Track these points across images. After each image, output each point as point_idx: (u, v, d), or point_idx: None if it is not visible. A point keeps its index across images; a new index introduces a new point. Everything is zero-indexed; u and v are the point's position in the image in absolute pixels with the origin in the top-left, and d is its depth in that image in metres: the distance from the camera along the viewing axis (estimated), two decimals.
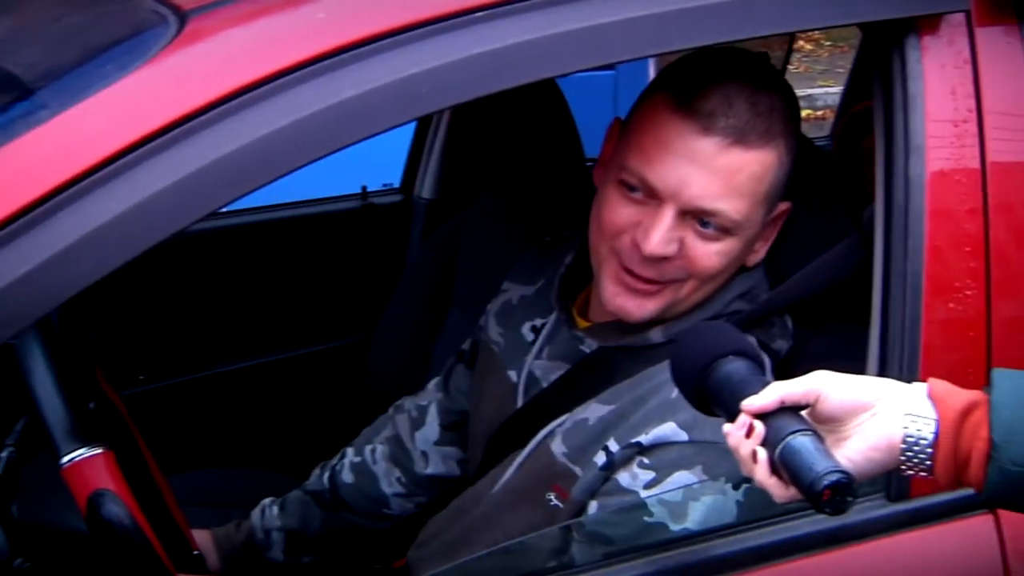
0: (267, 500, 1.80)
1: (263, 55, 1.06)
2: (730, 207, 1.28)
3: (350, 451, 1.81)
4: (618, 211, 1.33)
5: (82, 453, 1.20)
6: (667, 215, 1.28)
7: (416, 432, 1.76)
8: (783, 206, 1.38)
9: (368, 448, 1.79)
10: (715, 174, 1.27)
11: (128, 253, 0.99)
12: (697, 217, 1.29)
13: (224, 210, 2.43)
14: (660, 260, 1.30)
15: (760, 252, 1.39)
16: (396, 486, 1.76)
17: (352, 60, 1.05)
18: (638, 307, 1.34)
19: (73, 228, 0.98)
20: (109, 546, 1.19)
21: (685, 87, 1.30)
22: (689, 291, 1.35)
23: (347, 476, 1.78)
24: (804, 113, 6.93)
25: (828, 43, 8.38)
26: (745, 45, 1.36)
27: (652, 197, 1.29)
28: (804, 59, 8.15)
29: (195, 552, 1.47)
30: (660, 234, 1.28)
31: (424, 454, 1.75)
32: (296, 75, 1.04)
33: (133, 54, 1.09)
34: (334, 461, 1.81)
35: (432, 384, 1.80)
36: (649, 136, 1.30)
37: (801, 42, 8.10)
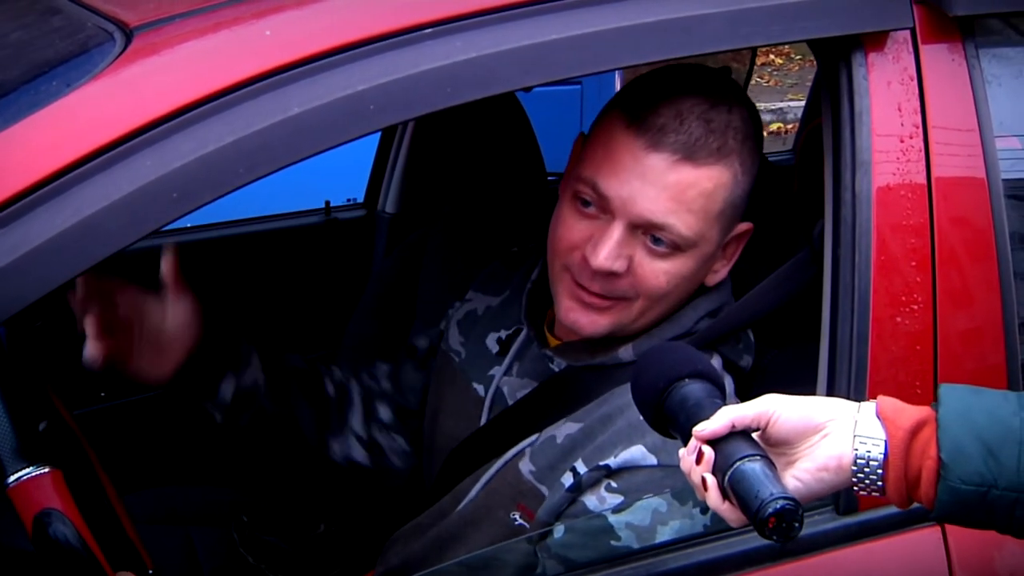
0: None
1: (210, 72, 1.06)
2: (679, 222, 1.28)
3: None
4: (571, 227, 1.33)
5: (28, 472, 1.18)
6: (617, 230, 1.29)
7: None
8: (743, 226, 1.37)
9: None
10: (664, 190, 1.27)
11: (71, 271, 0.99)
12: (647, 232, 1.29)
13: (186, 224, 2.43)
14: (609, 275, 1.30)
15: (721, 272, 1.39)
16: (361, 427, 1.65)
17: (299, 77, 1.05)
18: (590, 323, 1.35)
19: (15, 245, 0.97)
20: (56, 566, 1.17)
21: (639, 103, 1.31)
22: (639, 310, 1.34)
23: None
24: (774, 127, 6.99)
25: (798, 57, 8.44)
26: (709, 60, 1.36)
27: (604, 212, 1.30)
28: (775, 73, 8.21)
29: (150, 572, 1.46)
30: (608, 249, 1.28)
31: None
32: (243, 92, 1.04)
33: (79, 70, 1.08)
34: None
35: (383, 373, 1.69)
36: (602, 151, 1.31)
37: (772, 56, 8.16)
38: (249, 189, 1.06)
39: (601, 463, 1.30)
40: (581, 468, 1.31)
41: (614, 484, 1.29)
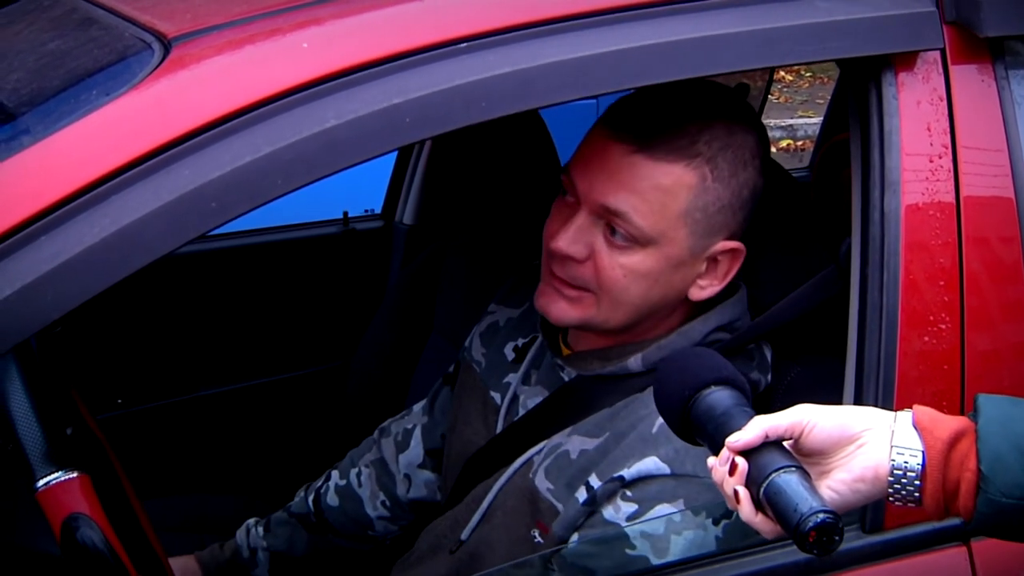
0: (251, 520, 1.81)
1: (247, 83, 1.06)
2: (632, 211, 1.29)
3: (335, 474, 1.82)
4: (552, 217, 1.38)
5: (57, 477, 1.19)
6: (580, 217, 1.32)
7: (400, 455, 1.76)
8: (731, 244, 1.34)
9: (353, 471, 1.80)
10: (618, 177, 1.29)
11: (109, 280, 0.99)
12: (607, 222, 1.31)
13: None
14: (570, 261, 1.33)
15: (708, 290, 1.36)
16: (380, 509, 1.77)
17: (336, 89, 1.06)
18: (558, 310, 1.36)
19: (55, 254, 0.97)
20: (83, 571, 1.18)
21: (622, 104, 1.35)
22: (606, 307, 1.34)
23: (332, 499, 1.78)
24: (784, 143, 7.00)
25: (808, 74, 8.47)
26: (721, 76, 1.36)
27: (577, 201, 1.34)
28: (785, 90, 8.23)
29: None
30: (568, 232, 1.32)
31: (407, 477, 1.76)
32: (280, 103, 1.05)
33: (117, 80, 1.09)
34: (319, 483, 1.82)
35: (418, 407, 1.80)
36: (581, 146, 1.36)
37: (782, 73, 8.18)
38: None
39: (615, 475, 1.30)
40: (595, 482, 1.32)
41: (629, 493, 1.30)
